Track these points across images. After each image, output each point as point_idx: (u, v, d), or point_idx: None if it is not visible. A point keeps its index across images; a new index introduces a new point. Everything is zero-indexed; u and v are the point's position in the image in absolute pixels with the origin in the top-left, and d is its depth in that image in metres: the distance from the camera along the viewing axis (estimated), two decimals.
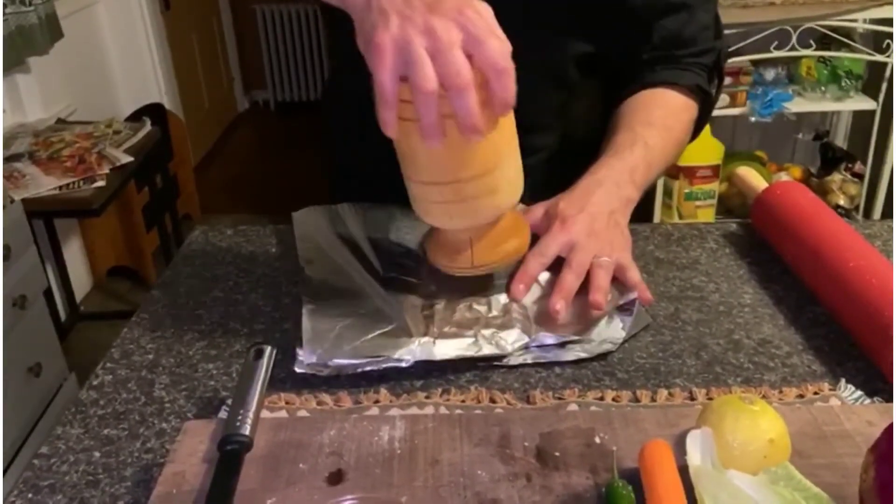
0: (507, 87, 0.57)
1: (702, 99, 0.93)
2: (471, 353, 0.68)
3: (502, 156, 0.66)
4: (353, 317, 0.70)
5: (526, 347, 0.70)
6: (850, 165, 2.51)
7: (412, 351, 0.67)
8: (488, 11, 0.58)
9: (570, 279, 0.73)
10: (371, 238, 0.82)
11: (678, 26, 0.90)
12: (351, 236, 0.83)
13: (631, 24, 0.91)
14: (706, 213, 2.46)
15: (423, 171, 0.65)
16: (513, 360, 0.69)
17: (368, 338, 0.68)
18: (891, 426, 0.47)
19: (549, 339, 0.70)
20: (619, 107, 0.90)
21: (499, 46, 0.56)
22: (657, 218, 2.47)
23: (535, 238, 0.77)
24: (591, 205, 0.76)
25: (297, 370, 0.67)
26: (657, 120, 0.87)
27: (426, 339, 0.68)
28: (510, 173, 0.68)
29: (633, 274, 0.75)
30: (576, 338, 0.70)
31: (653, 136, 0.84)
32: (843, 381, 0.67)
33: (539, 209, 0.79)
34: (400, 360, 0.67)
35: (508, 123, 0.65)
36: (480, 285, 0.75)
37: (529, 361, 0.70)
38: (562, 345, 0.70)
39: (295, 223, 0.88)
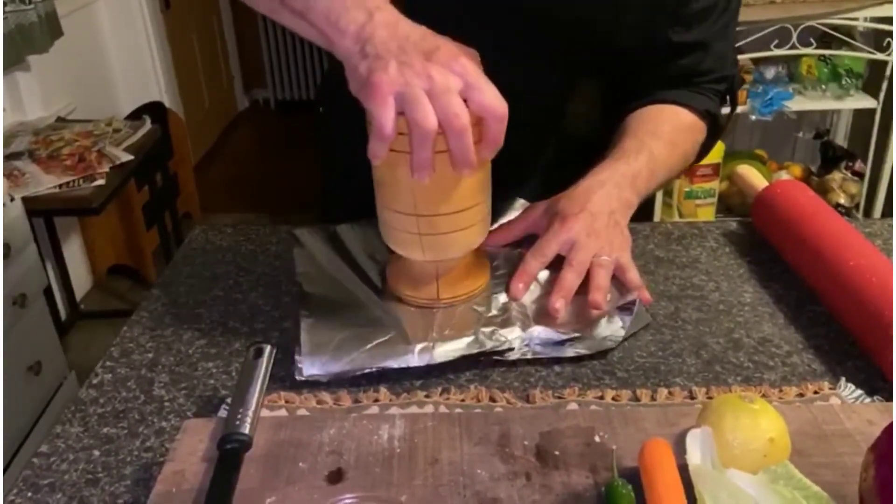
0: (501, 131, 0.60)
1: (711, 123, 0.93)
2: (472, 351, 0.68)
3: (481, 193, 0.68)
4: (352, 328, 0.70)
5: (526, 344, 0.70)
6: (850, 164, 2.51)
7: (411, 358, 0.67)
8: (477, 60, 0.61)
9: (571, 278, 0.73)
10: (368, 253, 0.82)
11: (694, 63, 0.90)
12: (349, 253, 0.83)
13: (646, 66, 0.91)
14: (706, 212, 2.46)
15: (403, 202, 0.67)
16: (513, 355, 0.69)
17: (367, 348, 0.68)
18: (891, 425, 0.47)
19: (550, 335, 0.70)
20: (628, 116, 0.90)
21: (495, 93, 0.59)
22: (657, 216, 2.47)
23: (531, 239, 0.78)
24: (592, 204, 0.76)
25: (298, 378, 0.67)
26: (665, 134, 0.87)
27: (425, 344, 0.68)
28: (484, 211, 0.70)
29: (633, 275, 0.75)
30: (576, 335, 0.70)
31: (659, 148, 0.84)
32: (843, 379, 0.66)
33: (538, 207, 0.79)
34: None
35: (486, 164, 0.67)
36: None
37: (529, 357, 0.70)
38: (562, 342, 0.70)
39: (294, 241, 0.87)
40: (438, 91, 0.57)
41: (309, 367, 0.67)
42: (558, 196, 0.78)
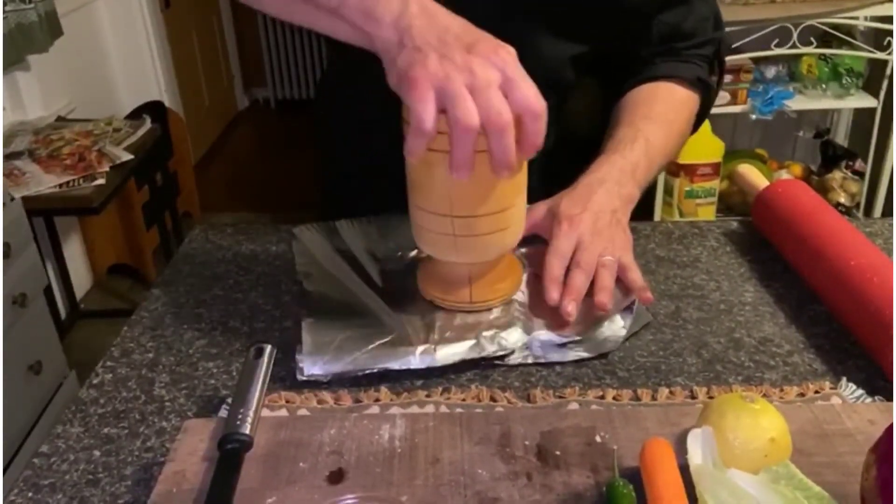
0: (540, 130, 0.58)
1: (703, 91, 0.93)
2: (473, 355, 0.68)
3: (518, 194, 0.67)
4: (353, 328, 0.70)
5: (528, 347, 0.70)
6: (850, 163, 2.51)
7: (413, 360, 0.67)
8: (514, 55, 0.59)
9: (580, 279, 0.72)
10: (369, 251, 0.82)
11: (677, 20, 0.90)
12: (349, 250, 0.83)
13: (629, 22, 0.90)
14: (707, 211, 2.46)
15: (439, 203, 0.65)
16: (514, 360, 0.69)
17: (369, 349, 0.68)
18: (891, 425, 0.47)
19: (552, 338, 0.70)
20: (620, 101, 0.90)
21: (534, 90, 0.57)
22: (658, 216, 2.47)
23: (529, 239, 0.77)
24: (593, 203, 0.76)
25: (300, 377, 0.67)
26: (658, 115, 0.87)
27: (427, 346, 0.68)
28: (521, 212, 0.69)
29: (636, 275, 0.75)
30: (577, 338, 0.70)
31: (654, 132, 0.84)
32: (844, 379, 0.66)
33: (541, 208, 0.78)
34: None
35: (524, 164, 0.66)
36: None
37: (530, 361, 0.69)
38: (563, 345, 0.70)
39: (294, 240, 0.87)
40: (480, 86, 0.55)
41: (310, 367, 0.67)
42: (559, 196, 0.78)
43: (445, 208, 0.65)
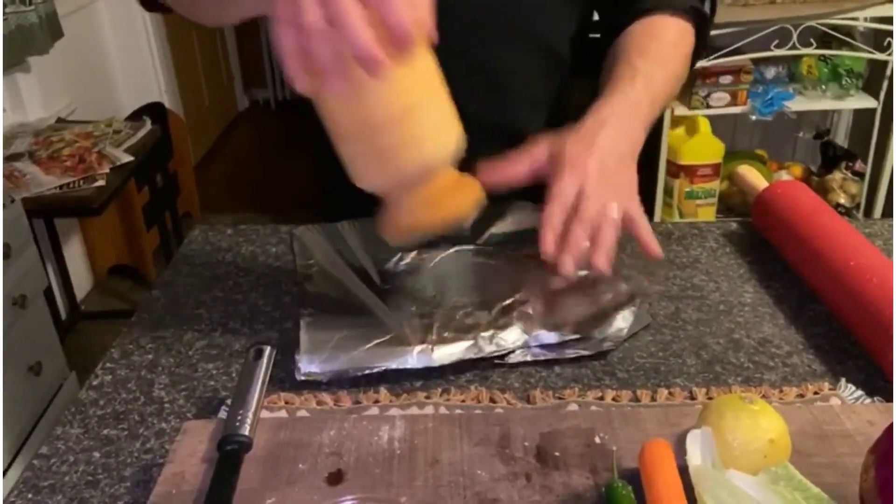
0: (396, 13, 0.53)
1: (698, 20, 0.90)
2: (470, 355, 0.68)
3: (419, 98, 0.59)
4: (351, 328, 0.70)
5: (527, 346, 0.70)
6: (850, 164, 2.51)
7: (410, 360, 0.67)
8: None
9: (581, 233, 0.66)
10: (369, 252, 0.82)
11: None
12: (349, 251, 0.83)
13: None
14: (707, 212, 2.46)
15: (338, 125, 0.60)
16: (513, 359, 0.69)
17: (366, 348, 0.68)
18: (891, 426, 0.47)
19: (550, 337, 0.70)
20: (615, 42, 0.87)
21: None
22: (658, 216, 2.47)
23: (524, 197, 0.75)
24: (599, 144, 0.70)
25: (298, 377, 0.67)
26: (654, 53, 0.84)
27: (424, 346, 0.68)
28: (434, 120, 0.60)
29: (643, 229, 0.69)
30: (576, 336, 0.70)
31: (652, 71, 0.81)
32: (843, 380, 0.66)
33: (542, 149, 0.72)
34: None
35: (425, 65, 0.59)
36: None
37: (529, 360, 0.70)
38: (562, 344, 0.70)
39: (294, 240, 0.87)
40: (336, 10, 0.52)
41: (307, 365, 0.67)
42: (562, 136, 0.72)
43: (344, 128, 0.59)
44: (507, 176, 0.71)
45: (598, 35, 0.93)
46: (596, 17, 0.96)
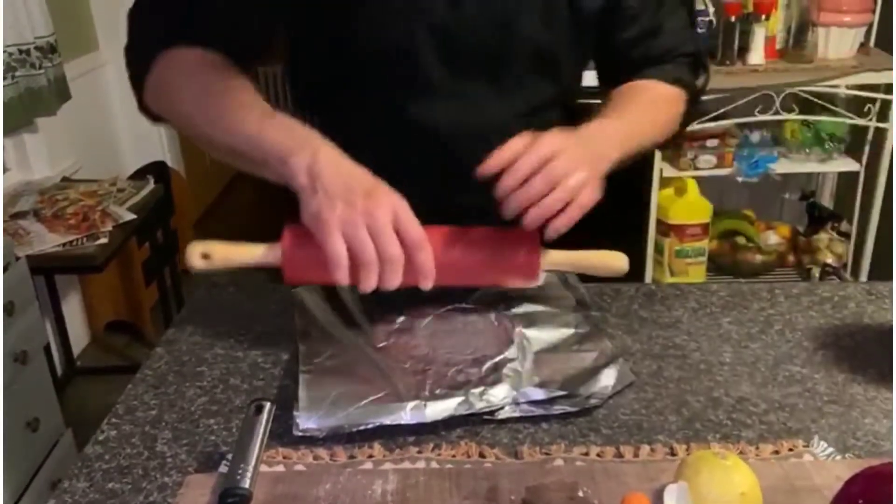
0: (424, 259, 0.70)
1: (688, 90, 0.97)
2: (462, 411, 0.71)
3: None
4: (348, 385, 0.74)
5: (515, 403, 0.73)
6: (836, 224, 2.57)
7: (404, 416, 0.70)
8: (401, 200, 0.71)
9: (539, 186, 0.72)
10: (365, 312, 0.86)
11: (647, 52, 0.95)
12: (346, 311, 0.87)
13: (601, 66, 0.98)
14: (697, 270, 2.50)
15: None
16: (502, 415, 0.72)
17: (362, 404, 0.71)
18: (851, 479, 0.51)
19: (538, 394, 0.73)
20: (607, 96, 0.94)
21: (419, 230, 0.70)
22: (649, 274, 2.51)
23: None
24: (577, 136, 0.77)
25: (296, 433, 0.69)
26: (642, 102, 0.91)
27: (417, 402, 0.71)
28: None
29: (574, 210, 0.74)
30: (563, 392, 0.74)
31: (638, 114, 0.88)
32: (816, 437, 0.70)
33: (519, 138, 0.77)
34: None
35: None
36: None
37: (518, 415, 0.73)
38: (549, 400, 0.73)
39: (294, 299, 0.91)
40: (378, 228, 0.68)
41: (305, 422, 0.70)
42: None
43: None
44: (498, 164, 0.75)
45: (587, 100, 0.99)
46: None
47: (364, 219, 0.68)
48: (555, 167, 0.73)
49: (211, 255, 0.77)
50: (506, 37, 0.89)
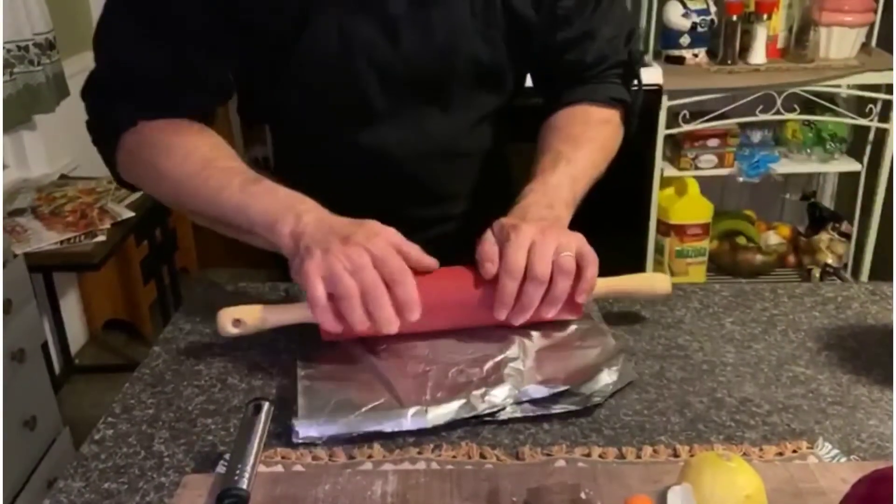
0: (408, 293, 0.72)
1: (622, 106, 0.99)
2: (463, 414, 0.70)
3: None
4: (347, 391, 0.73)
5: (517, 402, 0.72)
6: (837, 225, 2.56)
7: (405, 422, 0.70)
8: (397, 236, 0.75)
9: (534, 293, 0.75)
10: None
11: (579, 57, 0.96)
12: None
13: (537, 70, 1.00)
14: (697, 270, 2.50)
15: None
16: (503, 415, 0.72)
17: (362, 411, 0.70)
18: (859, 481, 0.50)
19: (540, 391, 0.73)
20: (542, 127, 0.97)
21: (398, 264, 0.72)
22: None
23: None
24: (531, 217, 0.80)
25: (295, 441, 0.69)
26: (578, 135, 0.93)
27: (418, 408, 0.70)
28: None
29: (591, 272, 0.77)
30: (564, 387, 0.73)
31: (575, 151, 0.90)
32: (820, 439, 0.69)
33: (487, 234, 0.80)
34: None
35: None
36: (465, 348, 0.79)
37: (519, 415, 0.72)
38: (552, 398, 0.72)
39: (293, 300, 0.91)
40: (356, 268, 0.70)
41: (305, 430, 0.69)
42: (496, 222, 0.80)
43: None
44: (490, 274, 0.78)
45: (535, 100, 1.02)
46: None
47: (340, 261, 0.71)
48: (538, 264, 0.75)
49: (244, 321, 0.78)
50: (447, 62, 0.92)
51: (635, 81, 1.01)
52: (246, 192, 0.79)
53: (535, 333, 0.81)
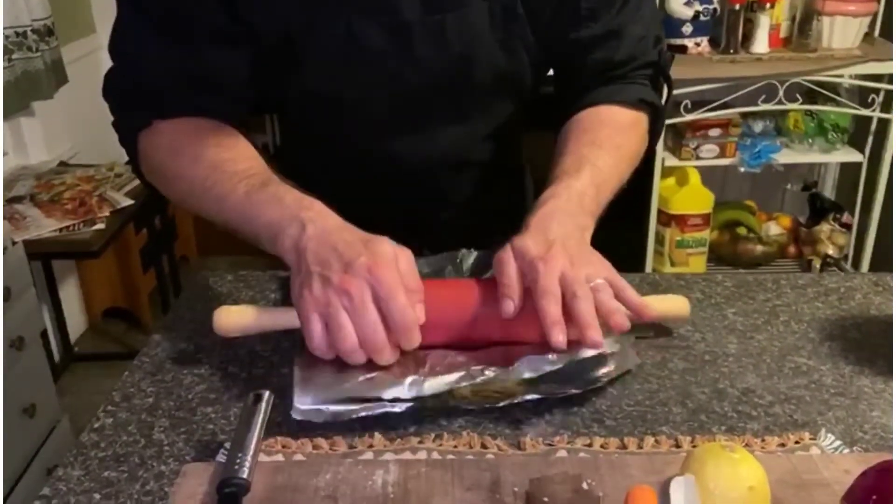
0: (411, 340, 0.68)
1: (650, 109, 0.93)
2: (462, 384, 0.69)
3: None
4: (344, 366, 0.72)
5: (518, 377, 0.70)
6: (838, 216, 2.56)
7: (402, 390, 0.69)
8: (408, 261, 0.69)
9: (587, 308, 0.69)
10: None
11: (609, 55, 0.90)
12: None
13: (565, 70, 0.94)
14: (698, 261, 2.50)
15: None
16: (504, 402, 0.70)
17: (359, 380, 0.70)
18: (863, 473, 0.50)
19: (537, 364, 0.70)
20: (564, 128, 0.90)
21: (402, 304, 0.66)
22: (649, 265, 2.50)
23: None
24: (556, 236, 0.74)
25: (294, 417, 0.68)
26: (604, 140, 0.86)
27: (415, 377, 0.70)
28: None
29: (631, 292, 0.73)
30: (563, 363, 0.70)
31: (601, 157, 0.83)
32: (823, 430, 0.69)
33: (508, 260, 0.74)
34: (394, 404, 0.69)
35: None
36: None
37: (519, 400, 0.70)
38: (553, 378, 0.70)
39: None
40: (356, 307, 0.66)
41: (300, 397, 0.69)
42: (518, 239, 0.74)
43: None
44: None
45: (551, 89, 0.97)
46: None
47: (339, 298, 0.66)
48: (579, 288, 0.70)
49: (242, 319, 0.76)
50: (463, 71, 0.87)
51: (664, 86, 0.95)
52: (250, 200, 0.76)
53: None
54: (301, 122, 0.96)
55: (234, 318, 0.76)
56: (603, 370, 0.73)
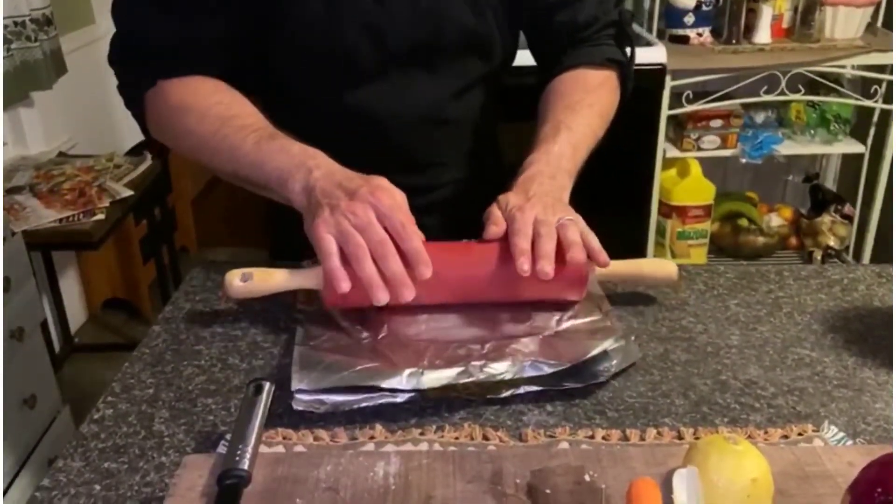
0: (412, 248, 0.72)
1: (618, 66, 1.01)
2: (461, 380, 0.70)
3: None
4: (343, 352, 0.73)
5: (518, 379, 0.71)
6: (839, 207, 2.55)
7: (401, 381, 0.69)
8: (403, 197, 0.75)
9: (548, 243, 0.76)
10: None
11: (570, 17, 0.99)
12: None
13: (531, 33, 1.02)
14: (698, 252, 2.49)
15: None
16: (506, 391, 0.71)
17: (357, 369, 0.70)
18: (868, 466, 0.49)
19: (540, 368, 0.71)
20: (542, 95, 0.98)
21: (402, 220, 0.73)
22: (650, 256, 2.50)
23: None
24: (535, 193, 0.81)
25: (295, 407, 0.68)
26: (577, 103, 0.94)
27: (414, 369, 0.70)
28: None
29: (593, 239, 0.79)
30: (565, 365, 0.71)
31: (575, 119, 0.92)
32: (826, 422, 0.68)
33: (494, 210, 0.81)
34: (394, 395, 0.69)
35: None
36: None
37: (521, 392, 0.71)
38: (554, 374, 0.71)
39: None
40: (362, 224, 0.72)
41: (298, 383, 0.69)
42: (502, 196, 0.83)
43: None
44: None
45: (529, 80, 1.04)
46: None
47: (347, 216, 0.72)
48: (545, 225, 0.77)
49: (250, 278, 0.79)
50: (435, 26, 0.93)
51: (627, 44, 1.03)
52: (260, 150, 0.82)
53: (540, 324, 0.79)
54: (280, 87, 0.99)
55: (246, 276, 0.79)
56: (605, 365, 0.73)
